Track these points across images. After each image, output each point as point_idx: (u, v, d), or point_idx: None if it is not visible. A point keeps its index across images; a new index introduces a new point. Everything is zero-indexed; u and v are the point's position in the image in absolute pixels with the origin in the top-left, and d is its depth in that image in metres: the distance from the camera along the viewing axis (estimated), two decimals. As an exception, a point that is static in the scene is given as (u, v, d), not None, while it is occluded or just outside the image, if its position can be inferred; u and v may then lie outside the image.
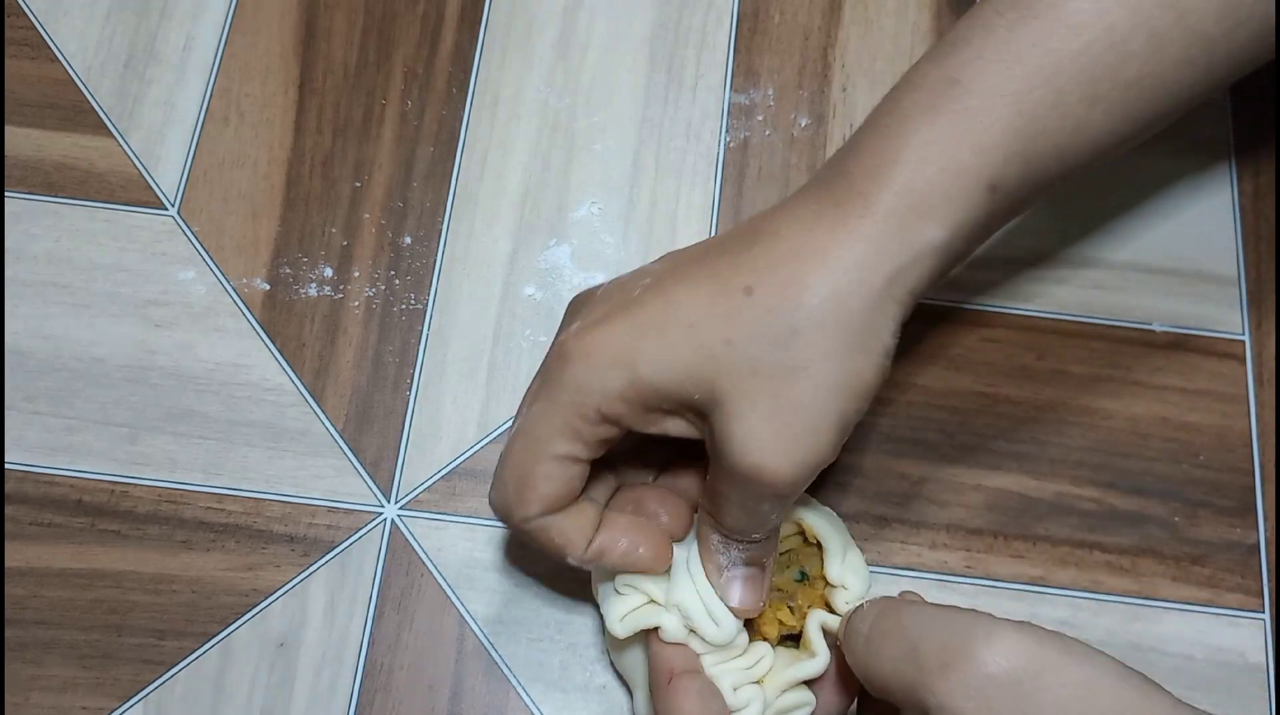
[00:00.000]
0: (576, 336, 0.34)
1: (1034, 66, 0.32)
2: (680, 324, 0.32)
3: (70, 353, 0.46)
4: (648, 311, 0.33)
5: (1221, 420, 0.45)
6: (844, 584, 0.36)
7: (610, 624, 0.36)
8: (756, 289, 0.32)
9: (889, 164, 0.32)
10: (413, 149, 0.49)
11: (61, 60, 0.51)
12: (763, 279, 0.32)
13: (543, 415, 0.34)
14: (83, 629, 0.42)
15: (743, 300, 0.32)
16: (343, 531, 0.43)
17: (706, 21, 0.52)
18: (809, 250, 0.32)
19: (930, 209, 0.32)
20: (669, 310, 0.33)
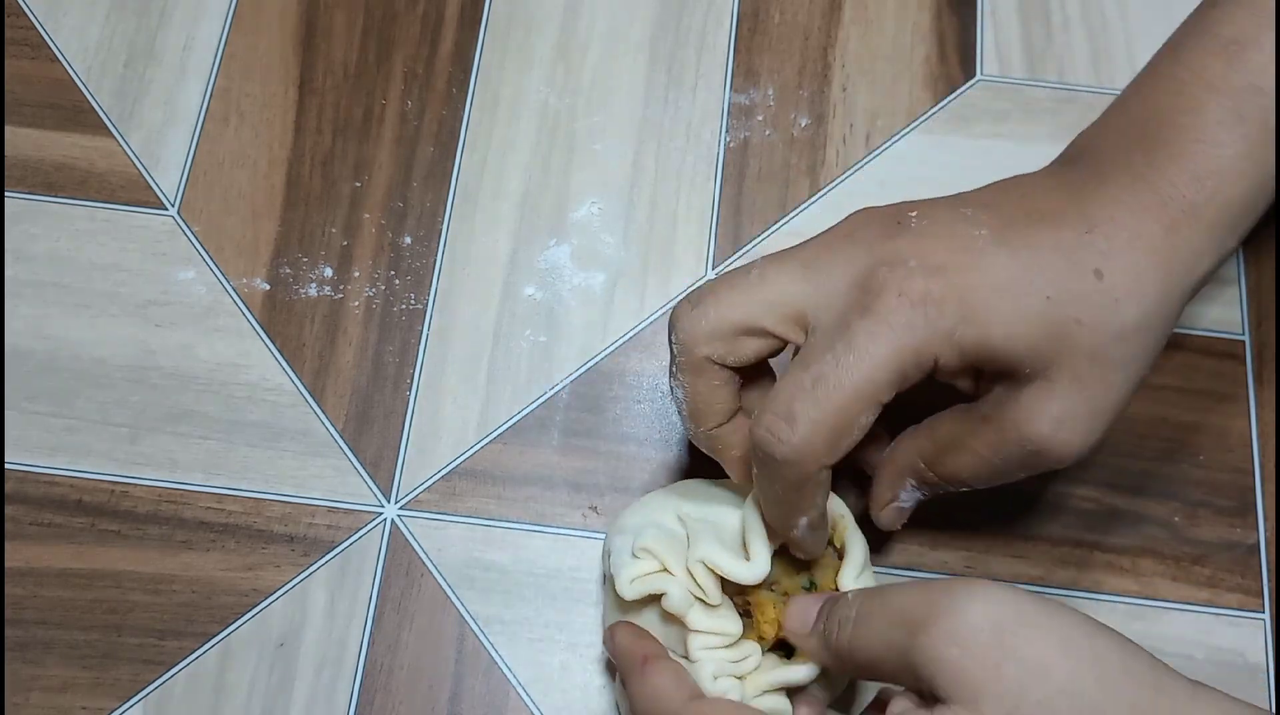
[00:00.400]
0: (926, 277, 0.32)
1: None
2: (1037, 293, 0.32)
3: (70, 353, 0.46)
4: (1002, 271, 0.32)
5: (1221, 420, 0.45)
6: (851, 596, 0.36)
7: (620, 586, 0.36)
8: (1106, 275, 0.32)
9: (1210, 175, 0.33)
10: (413, 149, 0.49)
11: (61, 60, 0.51)
12: (1110, 264, 0.32)
13: (880, 358, 0.31)
14: (83, 629, 0.42)
15: (1094, 283, 0.32)
16: (343, 531, 0.43)
17: (706, 21, 0.52)
18: (1145, 246, 0.33)
19: (1240, 221, 0.34)
20: (1025, 276, 0.32)
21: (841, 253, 0.33)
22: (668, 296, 0.47)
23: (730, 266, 0.47)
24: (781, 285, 0.34)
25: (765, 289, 0.34)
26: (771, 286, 0.34)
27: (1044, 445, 0.33)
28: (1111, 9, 0.51)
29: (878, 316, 0.31)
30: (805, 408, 0.31)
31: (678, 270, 0.47)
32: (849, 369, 0.31)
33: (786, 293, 0.33)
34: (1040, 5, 0.52)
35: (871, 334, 0.31)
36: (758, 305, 0.33)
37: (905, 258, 0.32)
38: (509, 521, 0.43)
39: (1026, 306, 0.32)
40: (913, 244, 0.32)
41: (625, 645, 0.36)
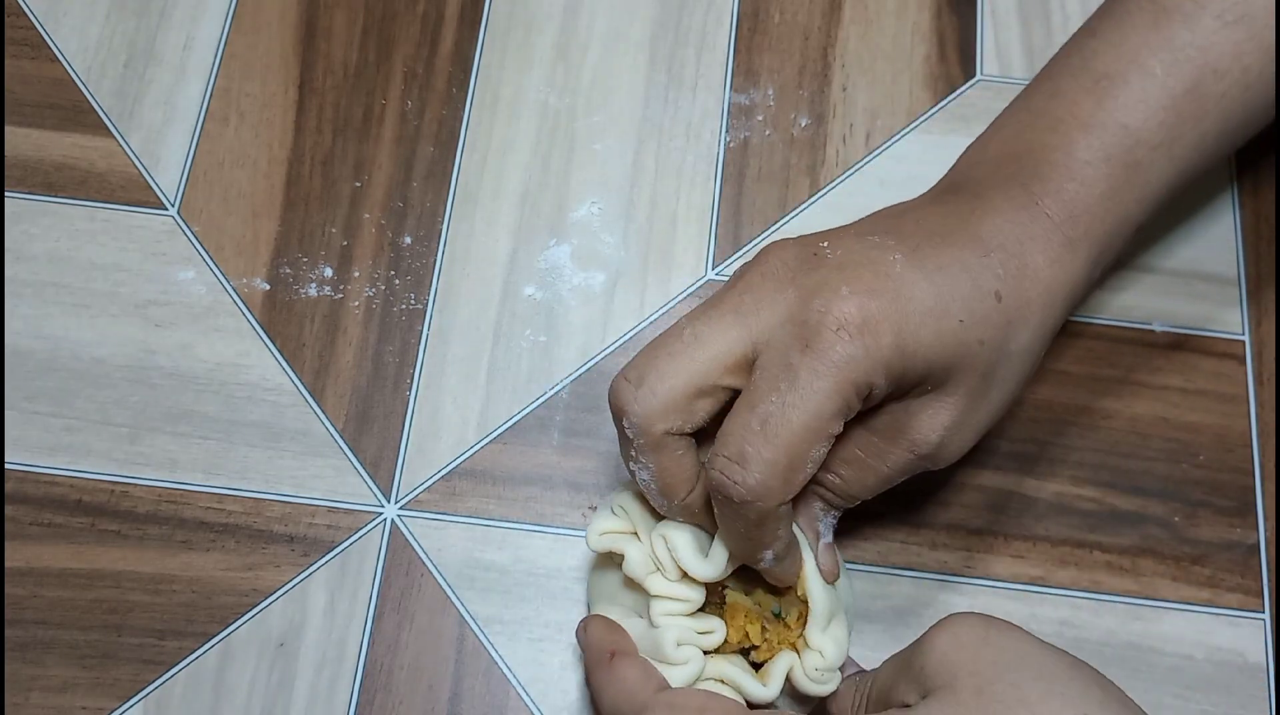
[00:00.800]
0: (860, 308, 0.32)
1: (1185, 113, 0.36)
2: (953, 316, 0.33)
3: (70, 353, 0.46)
4: (923, 296, 0.33)
5: (1221, 420, 0.45)
6: (821, 650, 0.36)
7: (588, 536, 0.37)
8: (1004, 298, 0.34)
9: (1083, 215, 0.36)
10: (413, 149, 0.49)
11: (61, 60, 0.51)
12: (1006, 289, 0.34)
13: (826, 393, 0.32)
14: (83, 629, 0.42)
15: (994, 305, 0.34)
16: (343, 531, 0.43)
17: (706, 21, 0.52)
18: (1033, 275, 0.35)
19: (1105, 256, 0.37)
20: (943, 301, 0.33)
21: (768, 292, 0.33)
22: (668, 296, 0.47)
23: (730, 264, 0.48)
24: (719, 339, 0.33)
25: (704, 347, 0.33)
26: (710, 343, 0.33)
27: (933, 453, 0.35)
28: (1111, 9, 0.51)
29: (818, 352, 0.32)
30: (756, 449, 0.32)
31: (678, 270, 0.47)
32: (795, 407, 0.32)
33: (726, 344, 0.33)
34: (1040, 5, 0.52)
35: (814, 370, 0.32)
36: (702, 365, 0.33)
37: (836, 287, 0.33)
38: (509, 521, 0.43)
39: (945, 328, 0.33)
40: (838, 274, 0.33)
41: (595, 638, 0.37)
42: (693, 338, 0.34)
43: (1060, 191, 0.36)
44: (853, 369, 0.32)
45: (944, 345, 0.33)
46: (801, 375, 0.32)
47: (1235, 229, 0.48)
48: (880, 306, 0.32)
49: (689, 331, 0.34)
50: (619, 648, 0.36)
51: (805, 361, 0.32)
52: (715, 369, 0.33)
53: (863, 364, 0.32)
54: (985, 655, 0.32)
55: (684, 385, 0.33)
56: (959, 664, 0.32)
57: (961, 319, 0.33)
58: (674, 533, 0.36)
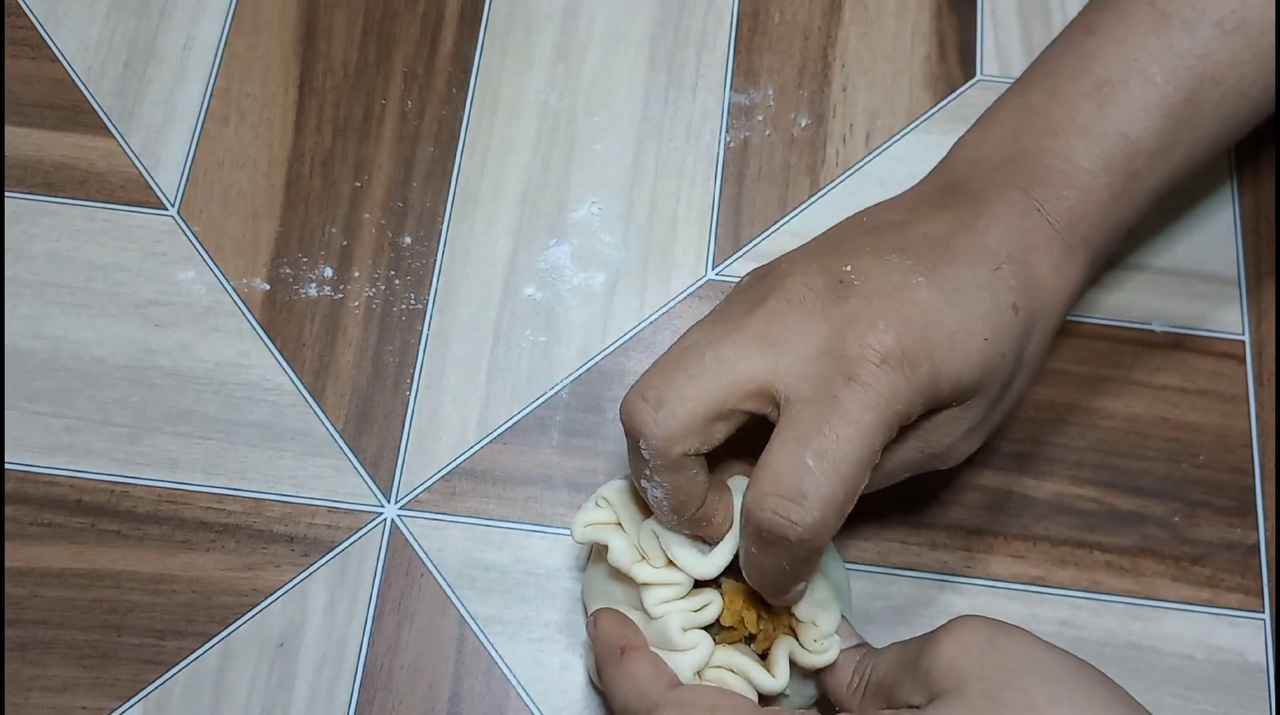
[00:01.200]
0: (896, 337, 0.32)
1: (1183, 121, 0.37)
2: (978, 336, 0.34)
3: (70, 353, 0.46)
4: (949, 318, 0.33)
5: (1221, 420, 0.45)
6: (814, 621, 0.36)
7: (574, 528, 0.37)
8: (1020, 310, 0.35)
9: (1082, 222, 0.36)
10: (413, 149, 0.49)
11: (61, 60, 0.51)
12: (1021, 299, 0.35)
13: (872, 426, 0.32)
14: (83, 629, 0.42)
15: (1011, 316, 0.34)
16: (343, 531, 0.43)
17: (706, 21, 0.52)
18: (1039, 282, 0.35)
19: (1100, 257, 0.38)
20: (966, 320, 0.34)
21: (796, 322, 0.33)
22: (668, 296, 0.47)
23: (730, 264, 0.48)
24: (743, 365, 0.33)
25: (726, 372, 0.33)
26: (733, 368, 0.33)
27: (945, 454, 0.36)
28: (1111, 9, 0.51)
29: (865, 385, 0.32)
30: (815, 485, 0.31)
31: (678, 270, 0.47)
32: (849, 441, 0.32)
33: (750, 371, 0.33)
34: (1040, 5, 0.52)
35: (862, 403, 0.32)
36: (724, 389, 0.33)
37: (872, 320, 0.33)
38: (509, 521, 0.43)
39: (970, 348, 0.34)
40: (868, 305, 0.33)
41: (605, 633, 0.37)
42: (715, 361, 0.33)
43: (1060, 198, 0.36)
44: (898, 400, 0.32)
45: (972, 365, 0.34)
46: (852, 409, 0.32)
47: (1235, 228, 0.48)
48: (915, 337, 0.33)
49: (710, 355, 0.33)
50: (629, 643, 0.36)
51: (853, 395, 0.32)
52: (736, 394, 0.33)
53: (904, 395, 0.32)
54: (993, 660, 0.32)
55: (704, 409, 0.33)
56: (967, 669, 0.32)
57: (986, 337, 0.34)
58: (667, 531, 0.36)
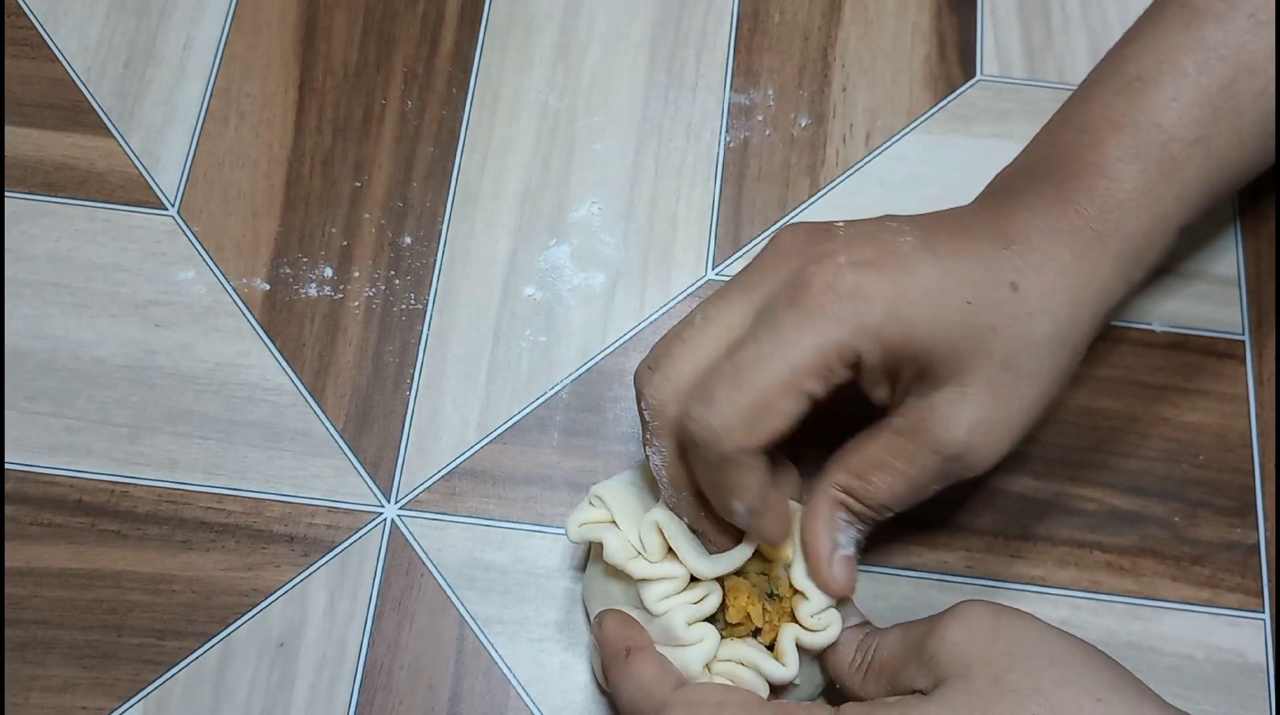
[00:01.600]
0: (854, 272, 0.32)
1: (1222, 111, 0.36)
2: (959, 297, 0.33)
3: (70, 353, 0.46)
4: (928, 273, 0.33)
5: (1221, 420, 0.45)
6: (805, 592, 0.36)
7: (569, 527, 0.38)
8: (1021, 288, 0.34)
9: (1113, 209, 0.35)
10: (413, 149, 0.49)
11: (61, 60, 0.51)
12: (1025, 280, 0.34)
13: (802, 344, 0.32)
14: (83, 629, 0.42)
15: (1009, 294, 0.34)
16: (343, 531, 0.43)
17: (706, 21, 0.52)
18: (1058, 269, 0.35)
19: (1143, 255, 0.36)
20: (949, 280, 0.33)
21: (774, 267, 0.34)
22: (668, 296, 0.47)
23: (730, 264, 0.47)
24: (727, 317, 0.34)
25: (713, 328, 0.34)
26: (718, 323, 0.34)
27: (959, 451, 0.34)
28: (1111, 9, 0.51)
29: (803, 307, 0.32)
30: (724, 391, 0.32)
31: (678, 270, 0.47)
32: (769, 355, 0.32)
33: (732, 319, 0.34)
34: (1040, 5, 0.52)
35: (795, 323, 0.32)
36: (710, 346, 0.34)
37: (834, 254, 0.33)
38: (509, 521, 0.43)
39: (949, 307, 0.33)
40: (841, 245, 0.34)
41: (611, 634, 0.37)
42: (704, 320, 0.34)
43: (1092, 188, 0.35)
44: (835, 328, 0.32)
45: (947, 323, 0.33)
46: (783, 328, 0.32)
47: (1235, 228, 0.48)
48: (875, 277, 0.32)
49: (700, 317, 0.35)
50: (635, 643, 0.36)
51: (788, 315, 0.32)
52: (722, 347, 0.34)
53: (848, 325, 0.32)
54: (998, 645, 0.32)
55: (694, 369, 0.34)
56: (972, 654, 0.32)
57: (969, 301, 0.33)
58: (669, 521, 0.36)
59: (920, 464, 0.34)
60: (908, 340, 0.33)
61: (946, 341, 0.33)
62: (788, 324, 0.32)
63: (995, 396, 0.34)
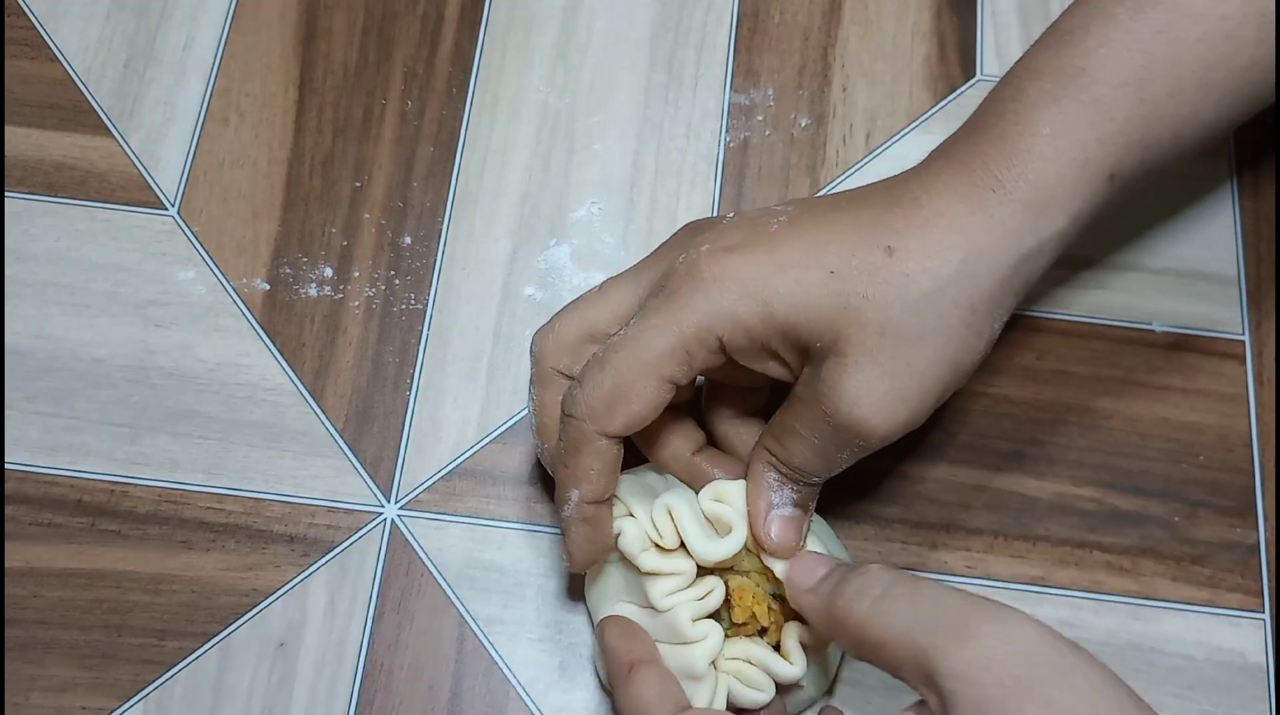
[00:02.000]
0: (711, 258, 0.34)
1: (1156, 55, 0.34)
2: (821, 268, 0.33)
3: (70, 353, 0.46)
4: (789, 248, 0.34)
5: (1221, 420, 0.45)
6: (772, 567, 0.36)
7: None
8: (898, 251, 0.33)
9: (1021, 153, 0.34)
10: (413, 149, 0.49)
11: (61, 60, 0.51)
12: (904, 242, 0.33)
13: (659, 330, 0.34)
14: (83, 629, 0.42)
15: (883, 258, 0.33)
16: (343, 531, 0.43)
17: (706, 21, 0.52)
18: (947, 224, 0.33)
19: (1058, 200, 0.34)
20: (811, 252, 0.33)
21: (662, 256, 0.36)
22: (668, 296, 0.47)
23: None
24: (618, 294, 0.36)
25: (604, 300, 0.37)
26: (609, 297, 0.37)
27: (847, 420, 0.33)
28: (1111, 9, 0.51)
29: (665, 294, 0.34)
30: (590, 372, 0.34)
31: (678, 270, 0.47)
32: (631, 340, 0.34)
33: (622, 299, 0.36)
34: (1040, 5, 0.52)
35: (657, 310, 0.34)
36: (597, 312, 0.36)
37: (702, 243, 0.35)
38: (509, 521, 0.43)
39: (808, 280, 0.33)
40: (714, 233, 0.35)
41: (612, 646, 0.36)
42: (599, 292, 0.37)
43: (1001, 137, 0.34)
44: (691, 312, 0.33)
45: (809, 295, 0.33)
46: (647, 315, 0.34)
47: (1235, 229, 0.48)
48: (733, 259, 0.33)
49: (599, 288, 0.37)
50: (636, 656, 0.36)
51: (652, 302, 0.34)
52: (607, 318, 0.36)
53: (702, 308, 0.33)
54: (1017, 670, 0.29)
55: (577, 330, 0.36)
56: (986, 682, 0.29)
57: (833, 271, 0.33)
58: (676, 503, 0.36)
59: (820, 432, 0.34)
60: (768, 317, 0.33)
61: (811, 313, 0.33)
62: (651, 311, 0.34)
63: (876, 364, 0.33)
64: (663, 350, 0.34)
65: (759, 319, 0.33)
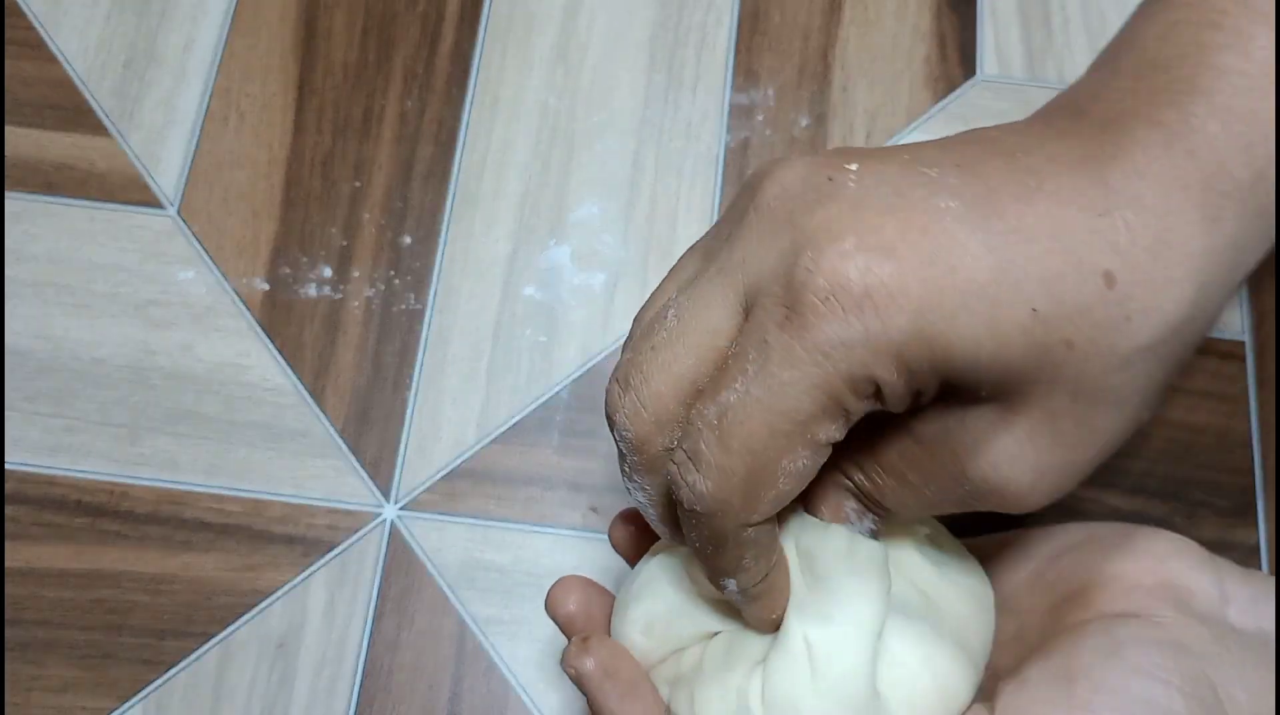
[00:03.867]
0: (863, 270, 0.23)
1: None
2: (1022, 303, 0.23)
3: (70, 353, 0.46)
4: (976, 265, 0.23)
5: (1221, 420, 0.45)
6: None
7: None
8: (1119, 281, 0.23)
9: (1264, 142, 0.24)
10: (413, 149, 0.49)
11: (61, 60, 0.51)
12: (1127, 265, 0.23)
13: (795, 386, 0.23)
14: (83, 629, 0.42)
15: (1099, 291, 0.23)
16: (342, 532, 0.43)
17: (706, 21, 0.52)
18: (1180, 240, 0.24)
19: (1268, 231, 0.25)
20: (1007, 275, 0.23)
21: (757, 239, 0.25)
22: (668, 296, 0.47)
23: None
24: (703, 317, 0.25)
25: (690, 333, 0.25)
26: (695, 326, 0.25)
27: (988, 485, 0.26)
28: (1111, 9, 0.51)
29: (797, 329, 0.23)
30: (710, 450, 0.24)
31: (678, 270, 0.47)
32: (758, 402, 0.24)
33: (713, 323, 0.25)
34: (1040, 5, 0.52)
35: (789, 353, 0.23)
36: (688, 358, 0.25)
37: (840, 236, 0.23)
38: (509, 522, 0.43)
39: (1004, 320, 0.23)
40: (850, 215, 0.23)
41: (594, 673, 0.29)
42: (675, 321, 0.26)
43: (1230, 109, 0.24)
44: (843, 358, 0.23)
45: (1001, 343, 0.23)
46: (773, 362, 0.23)
47: (1235, 229, 0.48)
48: (897, 272, 0.23)
49: (672, 313, 0.26)
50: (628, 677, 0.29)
51: (780, 340, 0.23)
52: (708, 358, 0.25)
53: (858, 352, 0.23)
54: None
55: (672, 390, 0.25)
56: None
57: (1036, 308, 0.23)
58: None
59: (938, 485, 0.26)
60: (941, 362, 0.23)
61: (997, 363, 0.23)
62: (779, 353, 0.23)
63: (1055, 432, 0.25)
64: (809, 412, 0.24)
65: (930, 364, 0.23)
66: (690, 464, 0.25)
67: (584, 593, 0.31)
